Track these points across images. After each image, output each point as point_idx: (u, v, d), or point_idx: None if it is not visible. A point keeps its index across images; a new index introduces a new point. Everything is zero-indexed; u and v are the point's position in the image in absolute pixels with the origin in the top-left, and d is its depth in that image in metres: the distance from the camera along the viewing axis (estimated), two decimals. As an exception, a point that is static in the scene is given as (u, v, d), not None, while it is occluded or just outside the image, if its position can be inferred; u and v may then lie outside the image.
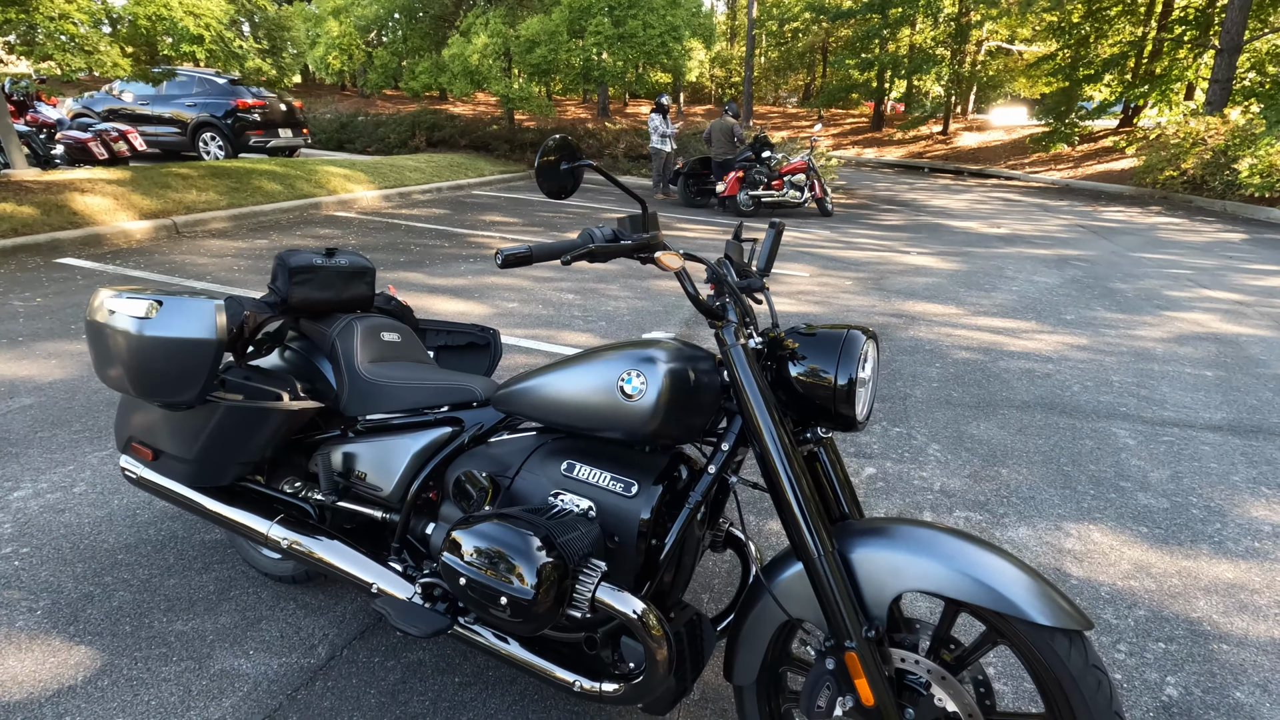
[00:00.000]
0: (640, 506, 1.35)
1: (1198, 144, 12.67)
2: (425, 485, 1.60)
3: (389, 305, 2.00)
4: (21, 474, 2.51)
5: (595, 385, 1.34)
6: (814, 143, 10.89)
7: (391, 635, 1.84)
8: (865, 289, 5.93)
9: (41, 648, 1.75)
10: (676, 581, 1.48)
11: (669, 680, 1.33)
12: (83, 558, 2.09)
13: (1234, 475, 2.90)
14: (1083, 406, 3.56)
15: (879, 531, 1.24)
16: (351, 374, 1.70)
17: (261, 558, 1.99)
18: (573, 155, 1.22)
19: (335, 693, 1.65)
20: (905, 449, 3.04)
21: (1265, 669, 1.85)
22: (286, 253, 1.74)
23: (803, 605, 1.26)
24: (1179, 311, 5.47)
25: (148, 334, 1.46)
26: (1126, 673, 1.82)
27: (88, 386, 3.26)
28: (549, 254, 1.18)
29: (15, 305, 4.37)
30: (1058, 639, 1.10)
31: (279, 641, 1.80)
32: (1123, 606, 2.08)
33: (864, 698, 1.18)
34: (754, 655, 1.34)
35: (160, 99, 11.41)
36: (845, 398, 1.26)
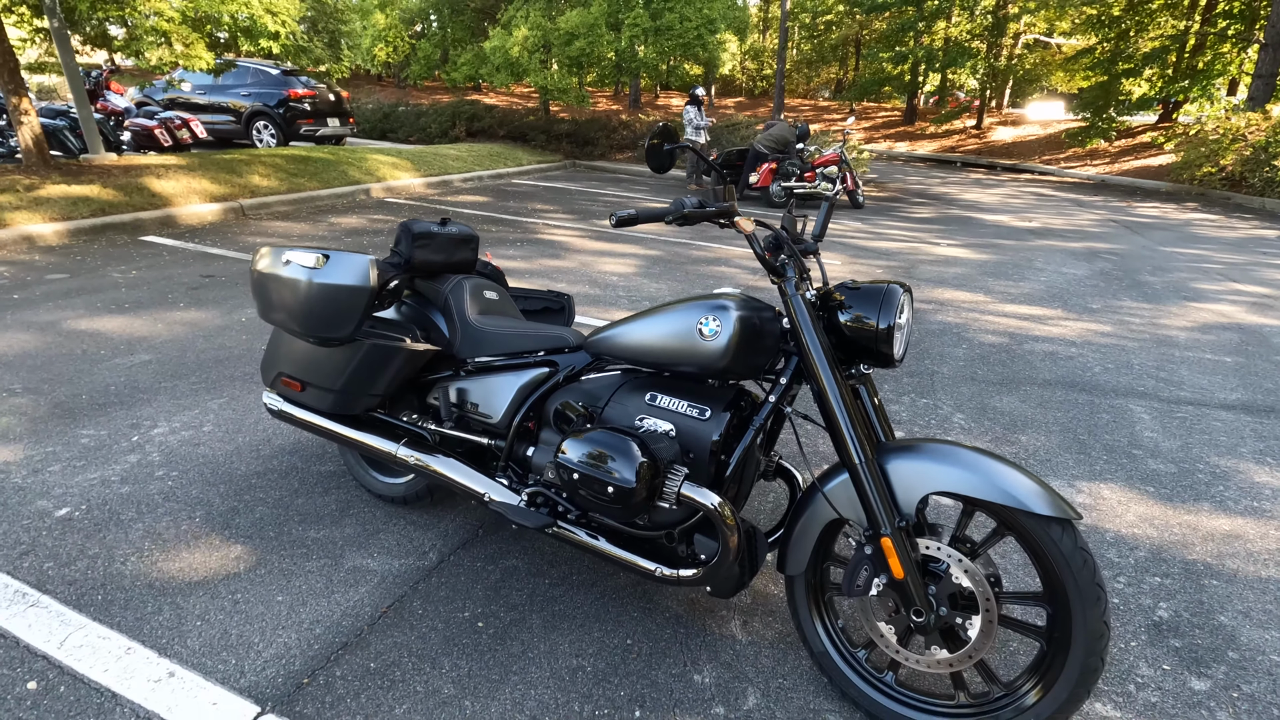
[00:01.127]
0: (712, 428, 1.66)
1: (1237, 140, 12.56)
2: (527, 415, 1.93)
3: (486, 269, 2.32)
4: (157, 415, 2.90)
5: (677, 328, 1.65)
6: (846, 136, 11.05)
7: (489, 545, 2.18)
8: (896, 276, 6.15)
9: (205, 545, 2.12)
10: (738, 496, 1.79)
11: (735, 567, 1.64)
12: (222, 480, 2.46)
13: (1242, 447, 3.12)
14: (1102, 385, 3.79)
15: (909, 448, 1.54)
16: (464, 323, 2.03)
17: (375, 481, 2.35)
18: (673, 138, 1.53)
19: (448, 586, 1.99)
20: (932, 417, 3.31)
21: (1249, 600, 2.10)
22: (410, 221, 2.07)
23: (847, 506, 1.56)
24: (1205, 303, 5.61)
25: (317, 281, 1.80)
26: (1124, 598, 2.09)
27: (196, 347, 3.66)
28: (653, 216, 1.49)
29: (115, 277, 4.82)
30: (1053, 527, 1.38)
31: (396, 548, 2.15)
32: (1125, 549, 2.34)
33: (896, 573, 1.47)
34: (804, 549, 1.64)
35: (217, 89, 11.95)
36: (886, 339, 1.55)
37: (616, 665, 1.75)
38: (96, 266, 5.05)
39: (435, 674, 1.69)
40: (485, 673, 1.70)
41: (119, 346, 3.62)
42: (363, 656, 1.73)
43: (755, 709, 1.65)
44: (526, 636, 1.82)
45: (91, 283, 4.66)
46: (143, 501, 2.32)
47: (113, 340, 3.70)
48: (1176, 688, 1.76)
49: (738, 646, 1.83)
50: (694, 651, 1.81)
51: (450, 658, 1.74)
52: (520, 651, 1.77)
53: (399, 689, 1.64)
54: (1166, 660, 1.85)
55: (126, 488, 2.39)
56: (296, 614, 1.85)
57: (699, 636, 1.86)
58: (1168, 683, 1.78)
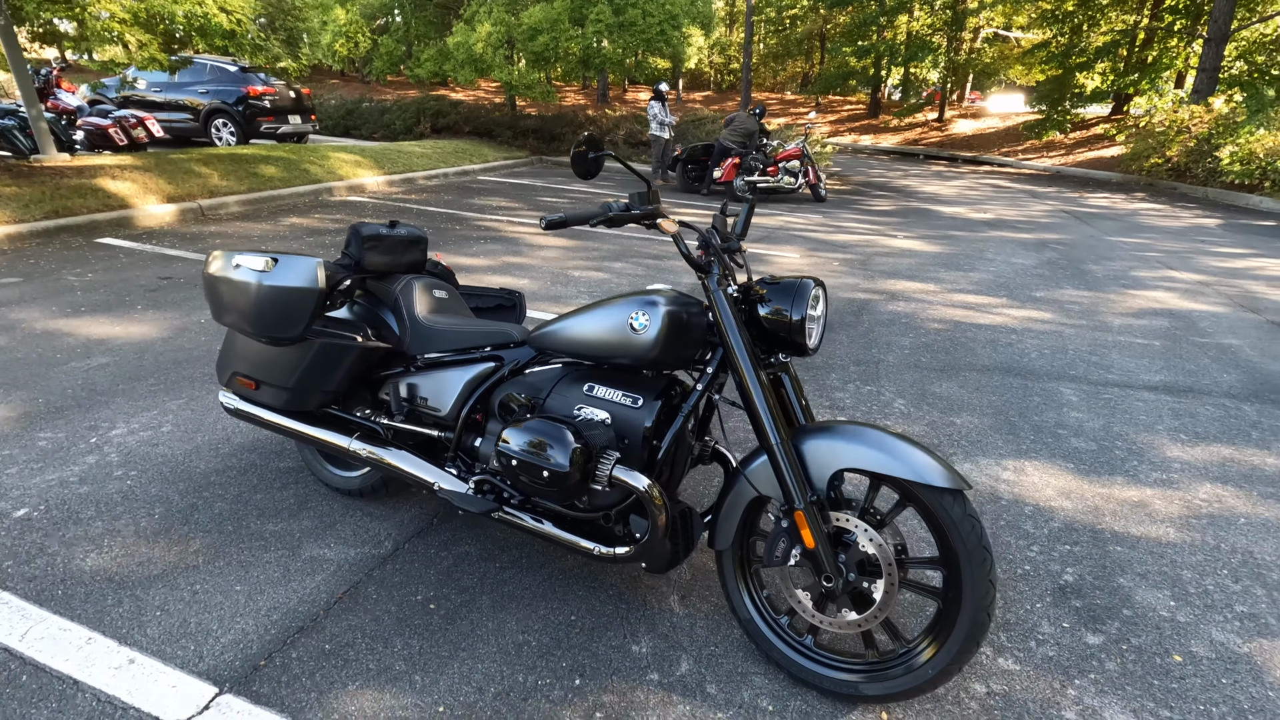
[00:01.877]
0: (644, 416, 1.78)
1: (1182, 132, 13.05)
2: (474, 408, 2.03)
3: (436, 269, 2.41)
4: (115, 417, 2.94)
5: (611, 323, 1.77)
6: (809, 130, 11.25)
7: (443, 533, 2.28)
8: (851, 269, 6.34)
9: (164, 540, 2.18)
10: (672, 479, 1.91)
11: (666, 544, 1.76)
12: (181, 479, 2.52)
13: (1159, 425, 3.34)
14: (1037, 370, 4.00)
15: (824, 429, 1.67)
16: (413, 321, 2.12)
17: (332, 475, 2.43)
18: (598, 146, 1.64)
19: (403, 572, 2.09)
20: (874, 403, 3.48)
21: (1148, 563, 2.29)
22: (359, 224, 2.16)
23: (766, 484, 1.69)
24: (1142, 290, 5.90)
25: (266, 283, 1.88)
26: (1034, 565, 2.27)
27: (154, 349, 3.68)
28: (580, 219, 1.61)
29: (70, 280, 4.79)
30: (945, 497, 1.53)
31: (353, 538, 2.24)
32: (1041, 520, 2.52)
33: (808, 543, 1.61)
34: (730, 526, 1.78)
35: (173, 86, 11.73)
36: (800, 329, 1.68)
37: (560, 639, 1.87)
38: (51, 270, 5.01)
39: (387, 652, 1.79)
40: (435, 650, 1.81)
41: (75, 350, 3.62)
42: (318, 639, 1.82)
43: (687, 674, 1.78)
44: (476, 616, 1.93)
45: (46, 287, 4.63)
46: (101, 500, 2.37)
47: (69, 344, 3.70)
48: (1073, 642, 1.93)
49: (674, 619, 1.96)
50: (633, 625, 1.93)
51: (402, 637, 1.84)
52: (469, 630, 1.88)
53: (352, 667, 1.74)
54: (1066, 619, 2.02)
55: (85, 488, 2.44)
56: (254, 602, 1.94)
57: (639, 611, 1.98)
58: (1065, 638, 1.95)
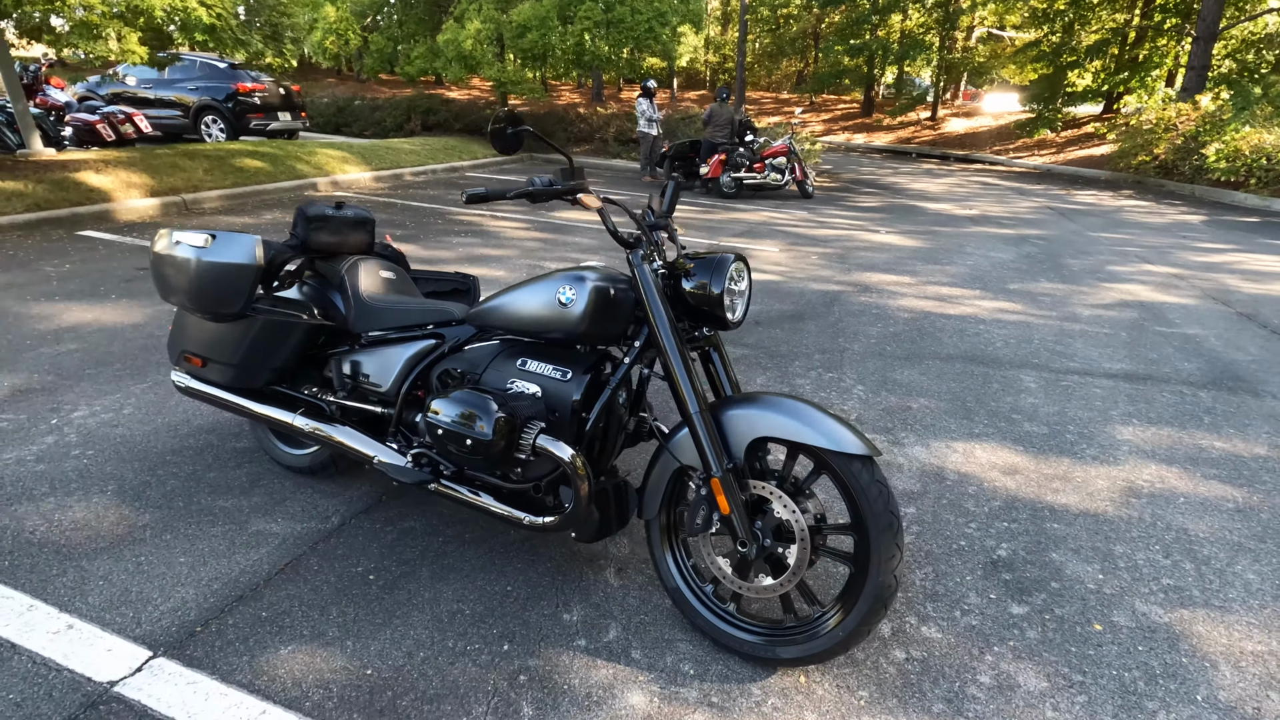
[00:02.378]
0: (573, 389, 1.82)
1: (1170, 129, 13.11)
2: (414, 385, 2.08)
3: (386, 251, 2.46)
4: (78, 400, 2.98)
5: (540, 299, 1.81)
6: (795, 127, 11.30)
7: (390, 509, 2.32)
8: (829, 262, 6.39)
9: (114, 515, 2.22)
10: (604, 450, 1.95)
11: (593, 513, 1.81)
12: (137, 458, 2.56)
13: (1113, 410, 3.39)
14: (1000, 358, 4.04)
15: (744, 399, 1.72)
16: (358, 300, 2.16)
17: (284, 453, 2.47)
18: (517, 122, 1.68)
19: (346, 545, 2.13)
20: (834, 389, 3.52)
21: (1081, 539, 2.34)
22: (305, 205, 2.20)
23: (688, 455, 1.73)
24: (1116, 283, 5.94)
25: (204, 259, 1.92)
26: (970, 541, 2.31)
27: (123, 336, 3.72)
28: (501, 193, 1.65)
29: (47, 270, 4.83)
30: (855, 464, 1.57)
31: (301, 514, 2.28)
32: (983, 499, 2.57)
33: (723, 509, 1.66)
34: (656, 495, 1.82)
35: (163, 83, 11.77)
36: (719, 303, 1.72)
37: (494, 608, 1.91)
38: (29, 260, 5.05)
39: (323, 620, 1.84)
40: (370, 618, 1.85)
41: (45, 336, 3.66)
42: (255, 607, 1.86)
43: (614, 640, 1.82)
44: (414, 586, 1.97)
45: (22, 276, 4.67)
46: (56, 478, 2.41)
47: (39, 329, 3.74)
48: (997, 613, 1.98)
49: (608, 590, 2.00)
50: (567, 595, 1.97)
51: (339, 606, 1.89)
52: (406, 600, 1.92)
53: (287, 634, 1.78)
54: (994, 590, 2.07)
55: (41, 466, 2.48)
56: (196, 573, 1.98)
57: (574, 583, 2.03)
58: (991, 609, 1.99)
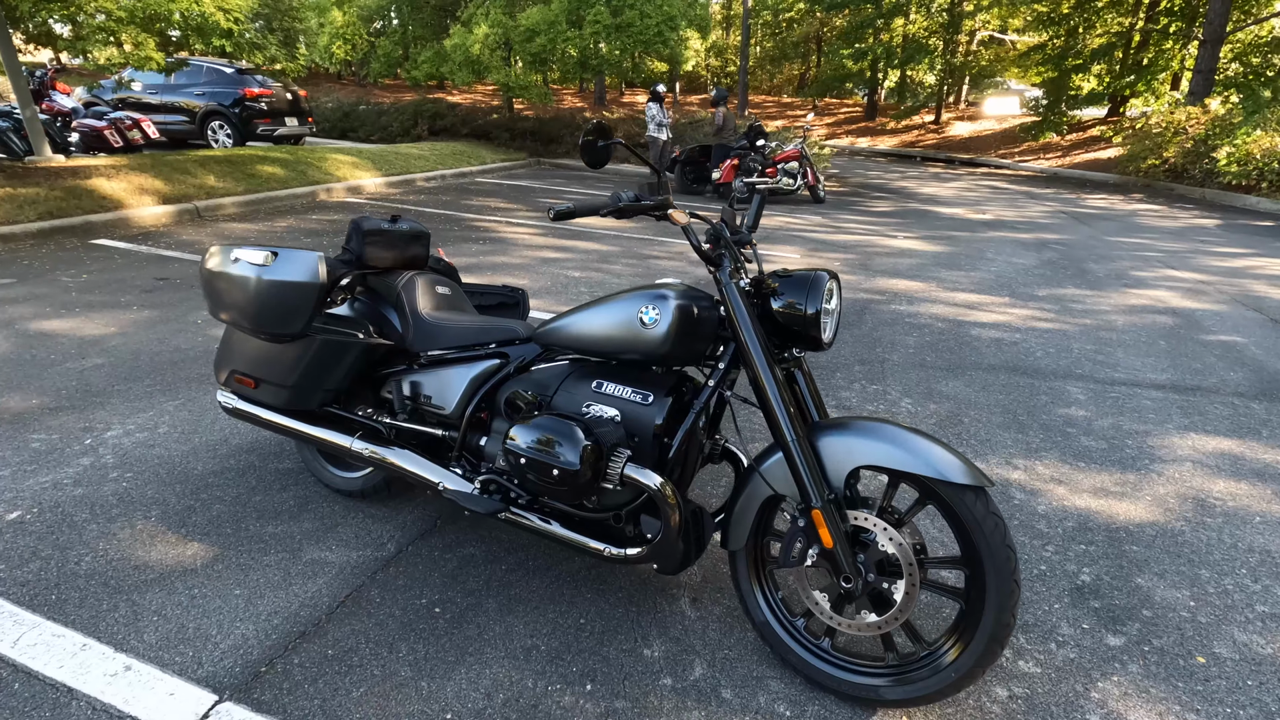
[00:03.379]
0: (655, 413, 1.73)
1: (1179, 133, 13.07)
2: (479, 406, 1.99)
3: (439, 265, 2.37)
4: (110, 418, 2.88)
5: (620, 318, 1.72)
6: (807, 132, 11.24)
7: (447, 535, 2.23)
8: (852, 268, 6.31)
9: (161, 543, 2.13)
10: (683, 478, 1.87)
11: (679, 545, 1.72)
12: (179, 480, 2.47)
13: (1168, 423, 3.31)
14: (1043, 369, 3.96)
15: (840, 425, 1.63)
16: (415, 318, 2.08)
17: (333, 476, 2.38)
18: (607, 135, 1.60)
19: (406, 575, 2.04)
20: (880, 402, 3.44)
21: (1165, 562, 2.25)
22: (360, 218, 2.11)
23: (782, 482, 1.65)
24: (1142, 289, 5.87)
25: (265, 278, 1.83)
26: (1050, 565, 2.22)
27: (150, 349, 3.62)
28: (589, 209, 1.56)
29: (65, 280, 4.73)
30: (967, 494, 1.49)
31: (355, 540, 2.19)
32: (1055, 520, 2.48)
33: (825, 543, 1.57)
34: (744, 525, 1.73)
35: (169, 88, 11.67)
36: (814, 323, 1.64)
37: (569, 644, 1.82)
38: (44, 271, 4.94)
39: (392, 658, 1.74)
40: (441, 655, 1.76)
41: (70, 350, 3.57)
42: (320, 644, 1.77)
43: (701, 679, 1.73)
44: (482, 620, 1.88)
45: (39, 288, 4.56)
46: (96, 503, 2.31)
47: (63, 344, 3.64)
48: (1093, 644, 1.89)
49: (686, 622, 1.91)
50: (644, 628, 1.88)
51: (407, 642, 1.79)
52: (476, 634, 1.83)
53: (356, 674, 1.69)
54: (1086, 620, 1.98)
55: (79, 490, 2.38)
56: (254, 606, 1.89)
57: (650, 614, 1.93)
58: (1086, 640, 1.90)
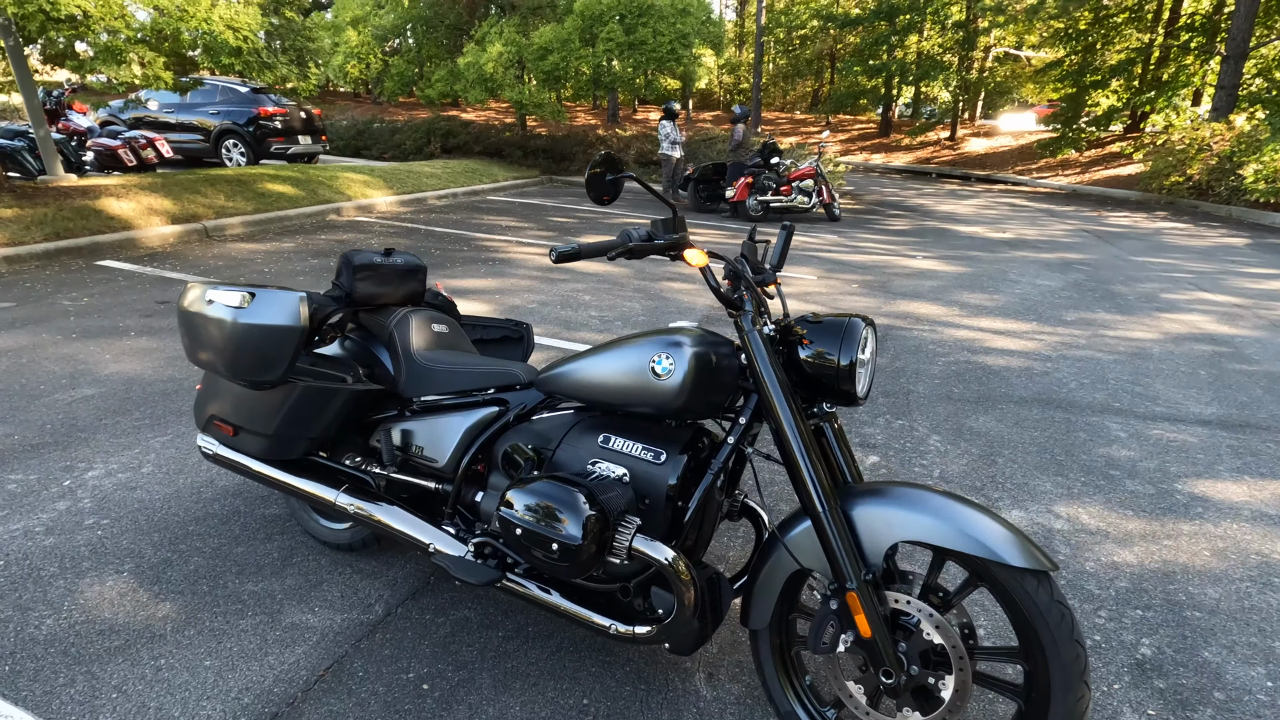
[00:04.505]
0: (668, 472, 1.55)
1: (1203, 150, 12.79)
2: (475, 458, 1.81)
3: (436, 300, 2.21)
4: (93, 456, 2.74)
5: (629, 367, 1.55)
6: (822, 149, 11.09)
7: (440, 595, 2.05)
8: (870, 290, 6.11)
9: (131, 602, 1.96)
10: (699, 542, 1.68)
11: (693, 623, 1.53)
12: (157, 528, 2.31)
13: (1219, 465, 3.07)
14: (1078, 402, 3.74)
15: (876, 492, 1.44)
16: (408, 360, 1.91)
17: (320, 527, 2.21)
18: (616, 168, 1.43)
19: (394, 643, 1.86)
20: (907, 439, 3.23)
21: (1233, 632, 2.03)
22: (351, 253, 1.96)
23: (810, 556, 1.45)
24: (1177, 314, 5.63)
25: (242, 321, 1.67)
26: (1105, 635, 2.01)
27: (142, 379, 3.49)
28: (595, 251, 1.39)
29: (65, 304, 4.63)
30: (1027, 579, 1.29)
31: (340, 600, 2.01)
32: (1105, 580, 2.26)
33: (863, 631, 1.37)
34: (767, 602, 1.54)
35: (185, 107, 11.74)
36: (848, 376, 1.45)
37: (571, 729, 1.63)
38: (46, 294, 4.86)
39: (373, 746, 1.56)
40: (427, 743, 1.57)
41: (60, 380, 3.44)
42: (294, 729, 1.59)
43: (718, 776, 1.53)
44: (475, 699, 1.70)
45: (38, 311, 4.47)
46: (67, 555, 2.16)
47: (54, 373, 3.52)
48: (1162, 735, 1.67)
49: (702, 704, 1.72)
50: (655, 711, 1.69)
51: (390, 727, 1.61)
52: (467, 717, 1.64)
53: (331, 766, 1.51)
54: (1152, 704, 1.76)
55: (51, 539, 2.23)
56: (224, 681, 1.71)
57: (661, 694, 1.74)
58: (1153, 730, 1.69)
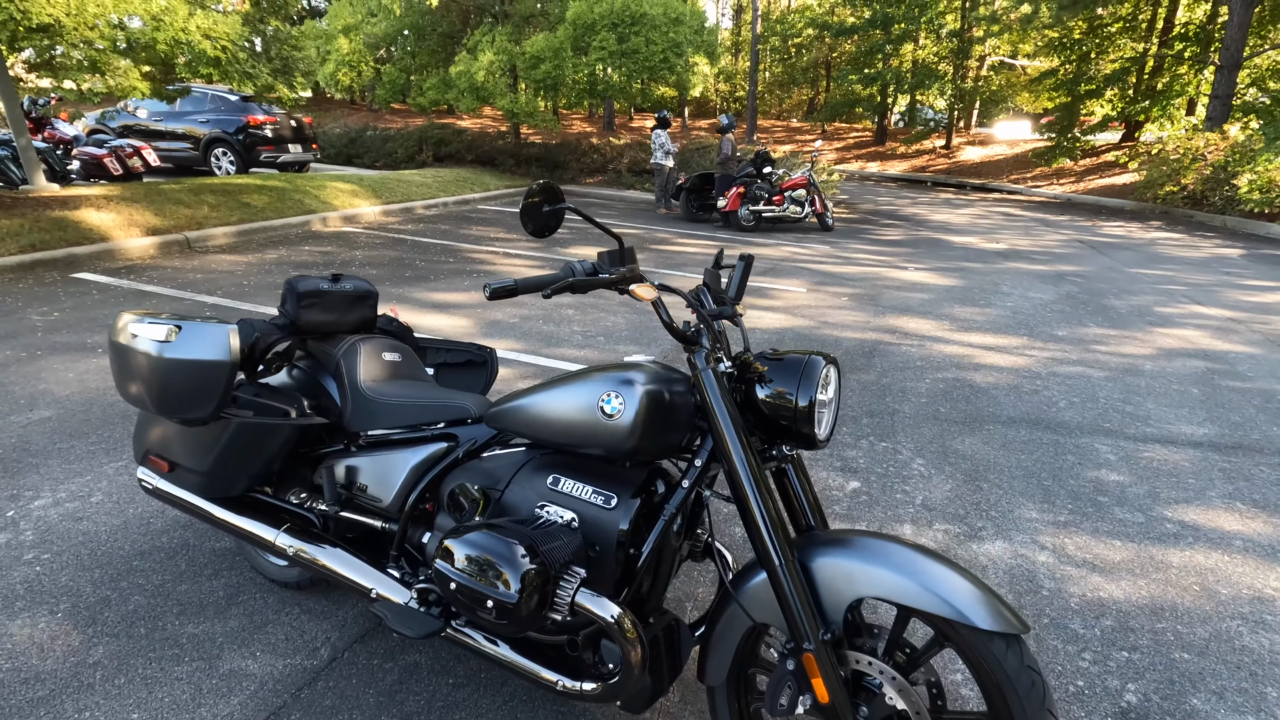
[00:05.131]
0: (619, 518, 1.46)
1: (1198, 159, 12.76)
2: (422, 497, 1.72)
3: (390, 326, 2.11)
4: (41, 484, 2.64)
5: (578, 405, 1.45)
6: (815, 158, 11.04)
7: (390, 639, 1.94)
8: (860, 304, 6.03)
9: (62, 647, 1.86)
10: (655, 588, 1.58)
11: (644, 679, 1.43)
12: (100, 564, 2.21)
13: (1210, 491, 2.98)
14: (1067, 423, 3.65)
15: (839, 542, 1.35)
16: (355, 392, 1.82)
17: (269, 565, 2.11)
18: (555, 198, 1.34)
19: (336, 693, 1.76)
20: (890, 463, 3.14)
21: (1223, 677, 1.93)
22: (295, 279, 1.87)
23: (766, 610, 1.36)
24: (1169, 328, 5.55)
25: (168, 356, 1.58)
26: (1089, 679, 1.91)
27: (103, 399, 3.39)
28: (533, 286, 1.30)
29: (34, 320, 4.53)
30: (996, 642, 1.20)
31: (284, 644, 1.91)
32: (1090, 617, 2.17)
33: (820, 696, 1.28)
34: (724, 658, 1.44)
35: (174, 115, 11.67)
36: (806, 418, 1.36)
37: (517, 791, 1.53)
38: (15, 309, 4.76)
39: (302, 812, 1.46)
40: (361, 808, 1.47)
41: (19, 401, 3.34)
42: (219, 792, 1.49)
43: (671, 845, 1.43)
44: (417, 756, 1.60)
45: (5, 327, 4.37)
46: (1, 593, 2.05)
47: (13, 393, 3.42)
48: (1147, 795, 1.58)
49: (658, 761, 1.62)
50: (608, 769, 1.59)
51: (323, 789, 1.51)
52: (407, 777, 1.54)
53: (255, 835, 1.41)
54: (1136, 759, 1.67)
55: (-14, 576, 2.13)
56: (150, 737, 1.61)
57: (615, 749, 1.64)
58: (1137, 789, 1.59)
